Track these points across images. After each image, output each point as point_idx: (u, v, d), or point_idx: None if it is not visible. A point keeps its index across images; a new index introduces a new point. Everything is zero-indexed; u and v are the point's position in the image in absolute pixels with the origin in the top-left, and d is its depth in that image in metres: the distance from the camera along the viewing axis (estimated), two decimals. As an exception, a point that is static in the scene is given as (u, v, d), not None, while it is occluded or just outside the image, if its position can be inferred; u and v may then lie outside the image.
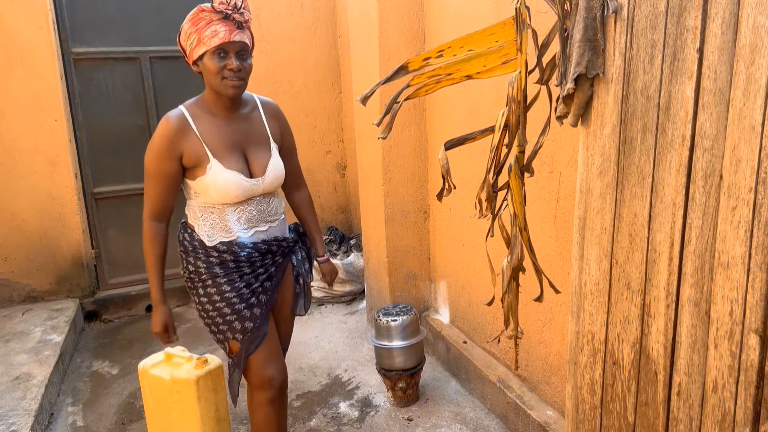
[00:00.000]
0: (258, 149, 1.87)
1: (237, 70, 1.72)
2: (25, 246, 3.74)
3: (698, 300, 1.06)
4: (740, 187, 0.95)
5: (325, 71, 4.41)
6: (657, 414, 1.18)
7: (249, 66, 1.77)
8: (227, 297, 1.84)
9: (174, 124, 1.77)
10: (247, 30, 1.76)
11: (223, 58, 1.72)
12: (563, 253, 2.07)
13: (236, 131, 1.84)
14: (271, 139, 1.91)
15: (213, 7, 1.69)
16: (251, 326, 1.85)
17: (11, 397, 2.59)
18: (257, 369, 1.87)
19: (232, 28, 1.71)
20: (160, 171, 1.78)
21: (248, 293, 1.86)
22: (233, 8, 1.69)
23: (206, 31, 1.70)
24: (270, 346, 1.89)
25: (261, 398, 1.90)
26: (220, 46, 1.69)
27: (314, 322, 3.67)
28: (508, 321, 1.54)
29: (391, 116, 1.46)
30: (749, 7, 0.92)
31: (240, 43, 1.72)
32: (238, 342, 1.85)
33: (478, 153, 2.51)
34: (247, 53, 1.77)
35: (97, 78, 3.84)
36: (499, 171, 1.45)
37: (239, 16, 1.71)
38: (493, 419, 2.53)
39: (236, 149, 1.83)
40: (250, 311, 1.85)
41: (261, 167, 1.86)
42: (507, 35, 1.35)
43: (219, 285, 1.84)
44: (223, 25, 1.69)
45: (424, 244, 3.21)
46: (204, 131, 1.79)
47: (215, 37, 1.69)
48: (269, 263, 1.91)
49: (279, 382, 1.90)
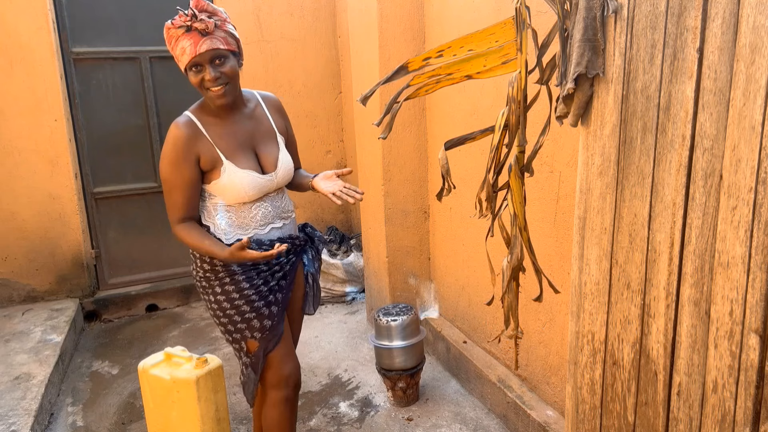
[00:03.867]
0: (267, 145, 1.88)
1: (215, 80, 1.69)
2: (25, 246, 3.74)
3: (698, 300, 1.06)
4: (740, 187, 0.95)
5: (325, 71, 4.41)
6: (657, 414, 1.18)
7: (230, 68, 1.72)
8: (246, 294, 1.82)
9: (185, 129, 1.76)
10: (218, 32, 1.70)
11: (199, 71, 1.69)
12: (563, 253, 2.07)
13: (243, 130, 1.84)
14: (277, 132, 1.91)
15: (173, 23, 1.67)
16: (269, 324, 1.84)
17: (11, 397, 2.59)
18: (276, 367, 1.87)
19: (198, 39, 1.66)
20: (181, 178, 1.76)
21: (266, 291, 1.85)
22: (191, 18, 1.65)
23: (176, 49, 1.68)
24: (287, 344, 1.90)
25: (277, 397, 1.89)
26: (191, 61, 1.67)
27: (314, 322, 3.67)
28: (508, 321, 1.54)
29: (391, 116, 1.46)
30: (749, 7, 0.92)
31: (210, 52, 1.67)
32: (256, 340, 1.84)
33: (478, 153, 2.51)
34: (224, 57, 1.71)
35: (97, 78, 3.84)
36: (499, 171, 1.46)
37: (200, 24, 1.65)
38: (493, 419, 2.53)
39: (246, 148, 1.84)
40: (268, 309, 1.85)
41: (272, 162, 1.87)
42: (507, 35, 1.35)
43: (238, 282, 1.83)
44: (187, 38, 1.66)
45: (424, 244, 3.21)
46: (214, 134, 1.79)
47: (184, 54, 1.67)
48: (284, 261, 1.91)
49: (295, 380, 1.91)
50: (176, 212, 1.80)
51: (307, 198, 4.46)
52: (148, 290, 4.04)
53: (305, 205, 4.48)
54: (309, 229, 2.10)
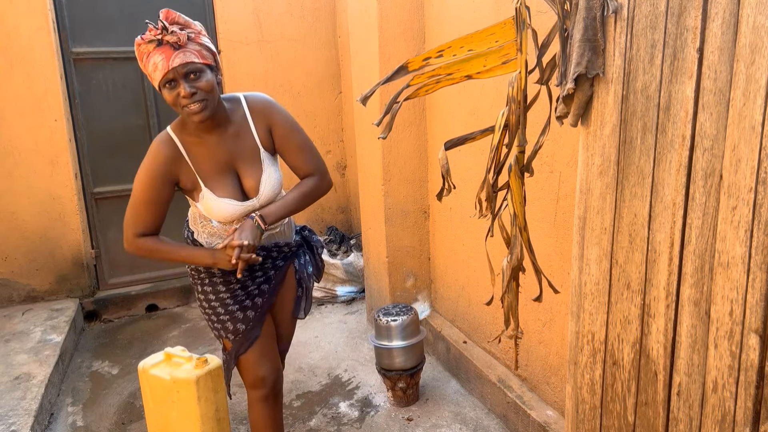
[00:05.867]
0: (249, 166, 1.78)
1: (191, 95, 1.60)
2: (25, 246, 3.74)
3: (698, 300, 1.06)
4: (740, 187, 0.95)
5: (325, 71, 4.41)
6: (657, 414, 1.18)
7: (207, 83, 1.62)
8: (221, 297, 1.86)
9: (165, 150, 1.71)
10: (191, 45, 1.61)
11: (173, 87, 1.61)
12: (563, 253, 2.07)
13: (225, 151, 1.76)
14: (261, 149, 1.80)
15: (143, 38, 1.59)
16: (243, 328, 1.86)
17: (11, 397, 2.59)
18: (249, 369, 1.90)
19: (170, 53, 1.57)
20: (151, 197, 1.72)
21: (243, 295, 1.87)
22: (162, 31, 1.57)
23: (149, 65, 1.60)
24: (263, 347, 1.90)
25: (254, 397, 1.93)
26: (164, 77, 1.58)
27: (314, 322, 3.67)
28: (508, 321, 1.54)
29: (391, 116, 1.46)
30: (749, 7, 0.92)
31: (184, 66, 1.58)
32: (230, 341, 1.88)
33: (478, 153, 2.51)
34: (199, 71, 1.61)
35: (97, 78, 3.84)
36: (499, 171, 1.45)
37: (171, 37, 1.57)
38: (493, 419, 2.53)
39: (227, 171, 1.77)
40: (243, 313, 1.86)
41: (254, 186, 1.79)
42: (507, 35, 1.35)
43: (215, 284, 1.86)
44: (159, 53, 1.57)
45: (423, 244, 3.21)
46: (194, 156, 1.73)
47: (156, 71, 1.58)
48: (268, 266, 1.91)
49: (271, 381, 1.92)
50: (139, 227, 1.75)
51: (307, 198, 4.45)
52: (148, 290, 4.04)
53: (305, 205, 4.47)
54: (306, 232, 2.09)
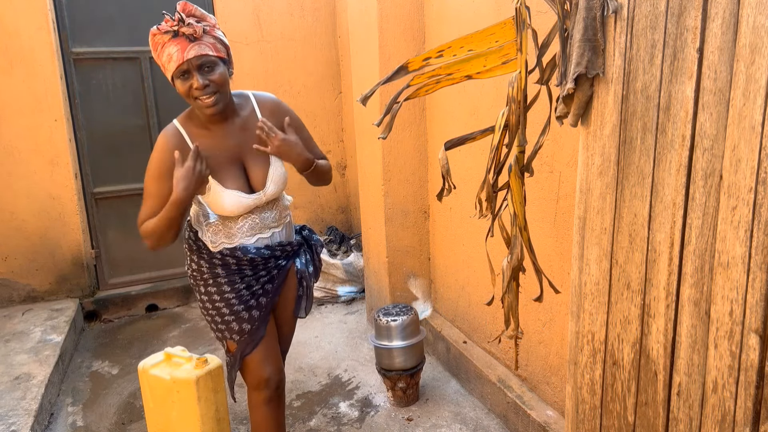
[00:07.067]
0: (256, 160, 1.81)
1: (204, 87, 1.63)
2: (25, 246, 3.74)
3: (698, 300, 1.06)
4: (740, 187, 0.95)
5: (325, 71, 4.41)
6: (657, 414, 1.18)
7: (219, 76, 1.66)
8: (226, 298, 1.84)
9: (173, 142, 1.72)
10: (206, 38, 1.64)
11: (186, 78, 1.64)
12: (563, 253, 2.07)
13: (232, 144, 1.78)
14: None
15: (159, 28, 1.61)
16: (248, 328, 1.85)
17: (11, 397, 2.59)
18: (253, 370, 1.88)
19: (185, 44, 1.60)
20: (161, 191, 1.72)
21: (248, 295, 1.86)
22: (179, 22, 1.59)
23: (163, 56, 1.62)
24: (267, 347, 1.89)
25: (258, 398, 1.92)
26: (178, 68, 1.61)
27: (314, 322, 3.67)
28: (508, 321, 1.54)
29: (391, 116, 1.46)
30: (749, 7, 0.92)
31: (198, 58, 1.61)
32: (235, 342, 1.87)
33: (478, 153, 2.51)
34: (213, 63, 1.65)
35: (97, 78, 3.84)
36: (499, 171, 1.46)
37: (188, 29, 1.59)
38: (493, 419, 2.53)
39: (234, 164, 1.78)
40: (248, 313, 1.86)
41: (261, 179, 1.81)
42: (507, 35, 1.35)
43: (219, 285, 1.85)
44: (174, 44, 1.60)
45: (423, 244, 3.21)
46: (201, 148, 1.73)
47: (171, 61, 1.61)
48: (272, 266, 1.91)
49: (275, 382, 1.91)
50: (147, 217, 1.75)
51: (307, 198, 4.46)
52: (148, 290, 4.04)
53: (305, 206, 4.48)
54: (306, 232, 2.09)
